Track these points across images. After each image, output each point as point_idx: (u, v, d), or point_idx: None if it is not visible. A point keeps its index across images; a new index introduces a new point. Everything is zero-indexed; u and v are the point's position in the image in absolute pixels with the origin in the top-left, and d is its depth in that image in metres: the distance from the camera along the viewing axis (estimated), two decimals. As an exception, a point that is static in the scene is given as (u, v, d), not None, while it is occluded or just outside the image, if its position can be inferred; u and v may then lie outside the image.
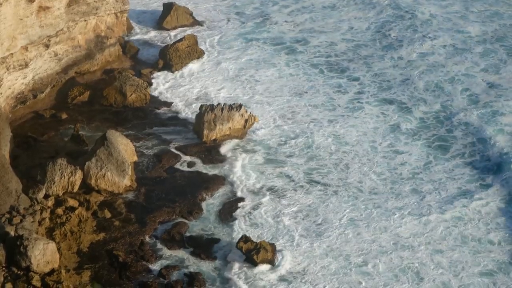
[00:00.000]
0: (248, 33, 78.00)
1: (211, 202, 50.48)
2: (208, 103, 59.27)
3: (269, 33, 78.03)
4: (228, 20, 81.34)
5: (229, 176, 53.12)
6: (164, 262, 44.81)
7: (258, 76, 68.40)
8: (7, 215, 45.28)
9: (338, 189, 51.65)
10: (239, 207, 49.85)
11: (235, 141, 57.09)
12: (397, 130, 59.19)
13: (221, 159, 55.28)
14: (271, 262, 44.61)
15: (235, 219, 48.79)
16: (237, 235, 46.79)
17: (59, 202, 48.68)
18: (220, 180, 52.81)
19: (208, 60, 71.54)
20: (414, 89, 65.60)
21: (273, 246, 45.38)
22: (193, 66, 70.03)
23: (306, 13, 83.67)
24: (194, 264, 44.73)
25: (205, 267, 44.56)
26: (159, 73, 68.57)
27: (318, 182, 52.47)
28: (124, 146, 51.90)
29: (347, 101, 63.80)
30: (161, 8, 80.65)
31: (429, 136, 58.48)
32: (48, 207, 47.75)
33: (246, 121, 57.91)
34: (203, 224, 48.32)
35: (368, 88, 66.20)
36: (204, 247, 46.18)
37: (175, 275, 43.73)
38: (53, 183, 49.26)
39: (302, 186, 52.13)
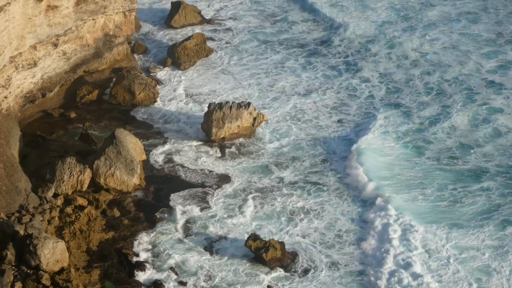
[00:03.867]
0: (258, 31, 78.00)
1: (220, 199, 50.49)
2: (216, 102, 59.26)
3: (284, 33, 77.99)
4: (239, 18, 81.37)
5: (234, 176, 53.16)
6: (173, 260, 44.80)
7: (268, 76, 68.40)
8: (17, 214, 45.41)
9: (340, 193, 51.60)
10: (246, 205, 49.92)
11: (242, 140, 57.28)
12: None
13: (228, 157, 55.36)
14: (281, 261, 44.57)
15: (244, 216, 48.87)
16: (245, 231, 46.98)
17: (68, 201, 48.77)
18: (227, 178, 52.84)
19: (216, 59, 71.57)
20: (415, 91, 65.40)
21: (282, 244, 45.30)
22: (202, 64, 70.02)
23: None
24: (203, 261, 44.76)
25: (215, 263, 44.57)
26: (167, 71, 68.63)
27: (317, 184, 52.46)
28: (133, 145, 51.92)
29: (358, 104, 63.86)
30: (169, 7, 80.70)
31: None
32: (57, 206, 47.84)
33: (254, 119, 57.83)
34: (212, 221, 48.33)
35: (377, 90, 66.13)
36: (213, 243, 46.21)
37: (185, 272, 43.77)
38: (62, 182, 49.34)
39: (303, 188, 52.11)
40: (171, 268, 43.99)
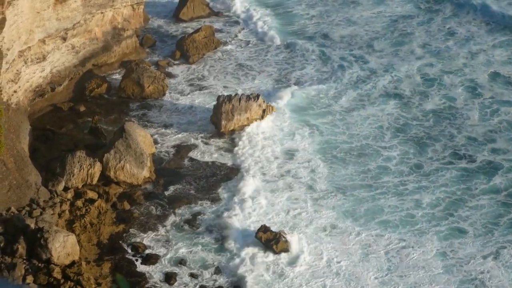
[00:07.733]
0: (267, 23, 77.90)
1: (229, 191, 50.49)
2: (225, 94, 59.19)
3: (289, 26, 77.80)
4: (248, 11, 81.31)
5: (244, 168, 53.12)
6: (184, 252, 44.85)
7: (275, 70, 68.36)
8: (27, 208, 45.55)
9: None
10: (257, 197, 49.86)
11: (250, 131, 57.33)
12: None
13: (237, 149, 55.36)
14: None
15: (254, 208, 48.78)
16: (255, 224, 46.93)
17: (78, 194, 48.86)
18: (236, 170, 52.85)
19: (225, 51, 71.52)
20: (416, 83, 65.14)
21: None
22: (211, 56, 70.00)
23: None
24: (214, 253, 44.88)
25: (225, 255, 44.68)
26: (176, 64, 68.65)
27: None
28: (142, 138, 51.96)
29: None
30: (177, 0, 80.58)
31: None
32: (68, 200, 47.96)
33: (263, 111, 57.77)
34: (222, 213, 48.30)
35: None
36: (223, 235, 46.24)
37: (196, 265, 43.82)
38: (72, 176, 49.42)
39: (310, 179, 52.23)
40: (182, 261, 44.08)
